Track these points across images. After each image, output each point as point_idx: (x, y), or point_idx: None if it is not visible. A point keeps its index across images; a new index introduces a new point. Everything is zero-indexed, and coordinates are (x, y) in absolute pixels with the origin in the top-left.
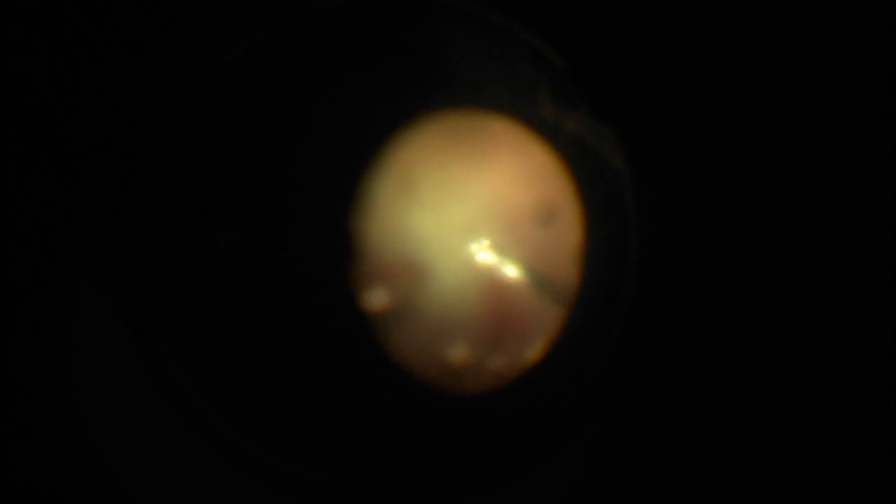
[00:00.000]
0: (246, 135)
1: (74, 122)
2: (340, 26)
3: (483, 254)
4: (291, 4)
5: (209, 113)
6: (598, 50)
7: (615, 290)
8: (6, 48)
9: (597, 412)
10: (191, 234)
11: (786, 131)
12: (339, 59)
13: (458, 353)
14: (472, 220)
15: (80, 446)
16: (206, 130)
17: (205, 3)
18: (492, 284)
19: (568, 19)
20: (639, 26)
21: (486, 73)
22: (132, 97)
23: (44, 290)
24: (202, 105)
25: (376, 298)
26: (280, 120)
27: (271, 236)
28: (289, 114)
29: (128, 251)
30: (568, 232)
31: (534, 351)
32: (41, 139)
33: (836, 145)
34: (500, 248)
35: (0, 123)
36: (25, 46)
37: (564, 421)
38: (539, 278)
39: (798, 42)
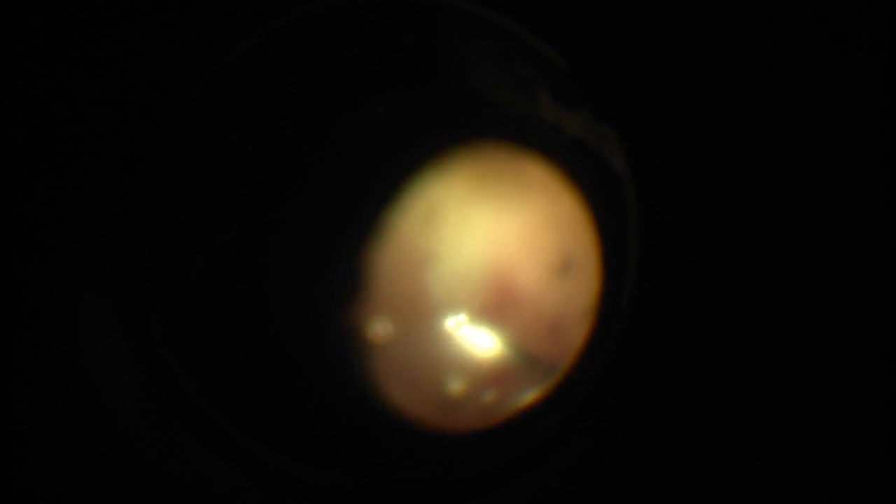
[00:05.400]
0: (245, 135)
1: (74, 122)
2: (340, 26)
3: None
4: (291, 4)
5: (209, 113)
6: (598, 49)
7: (615, 292)
8: (6, 49)
9: (596, 414)
10: (191, 234)
11: (789, 131)
12: (339, 60)
13: (453, 388)
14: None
15: (79, 446)
16: (206, 130)
17: (205, 2)
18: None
19: (568, 19)
20: (639, 26)
21: (486, 73)
22: (132, 97)
23: (43, 291)
24: (202, 105)
25: (376, 329)
26: (279, 120)
27: (271, 237)
28: (288, 114)
29: (128, 250)
30: (583, 286)
31: (529, 395)
32: (41, 139)
33: (841, 147)
34: (495, 317)
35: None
36: (25, 46)
37: (563, 425)
38: (527, 355)
39: (801, 42)
